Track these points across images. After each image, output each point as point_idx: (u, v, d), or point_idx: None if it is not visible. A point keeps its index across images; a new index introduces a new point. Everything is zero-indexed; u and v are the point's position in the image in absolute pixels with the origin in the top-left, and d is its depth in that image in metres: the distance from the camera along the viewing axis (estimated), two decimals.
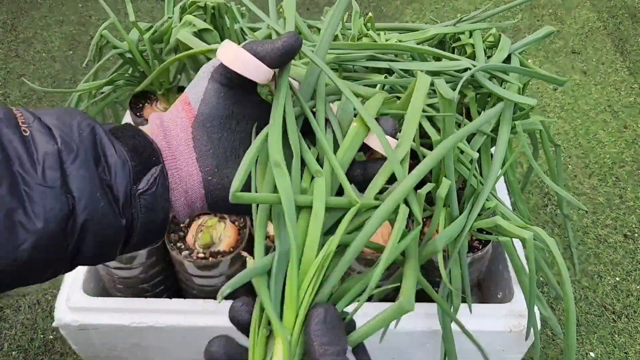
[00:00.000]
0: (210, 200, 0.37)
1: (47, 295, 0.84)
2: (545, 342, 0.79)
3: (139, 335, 0.64)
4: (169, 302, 0.63)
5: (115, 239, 0.34)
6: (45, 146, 0.31)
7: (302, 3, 1.53)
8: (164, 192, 0.35)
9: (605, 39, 1.36)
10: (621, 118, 1.14)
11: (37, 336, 0.79)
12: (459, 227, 0.53)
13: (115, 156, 0.33)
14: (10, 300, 0.83)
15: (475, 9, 0.65)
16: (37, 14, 1.53)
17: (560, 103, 1.18)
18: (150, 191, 0.34)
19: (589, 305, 0.83)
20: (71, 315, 0.63)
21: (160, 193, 0.35)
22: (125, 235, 0.34)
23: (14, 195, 0.29)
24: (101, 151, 0.33)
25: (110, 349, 0.67)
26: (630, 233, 0.93)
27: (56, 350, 0.78)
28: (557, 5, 1.47)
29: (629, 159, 1.06)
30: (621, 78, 1.25)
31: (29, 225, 0.29)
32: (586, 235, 0.93)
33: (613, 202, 0.98)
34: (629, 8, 1.44)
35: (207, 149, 0.36)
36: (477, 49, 0.61)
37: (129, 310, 0.63)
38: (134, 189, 0.34)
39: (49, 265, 0.31)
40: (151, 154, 0.35)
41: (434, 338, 0.62)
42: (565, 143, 1.09)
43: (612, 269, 0.88)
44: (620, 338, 0.80)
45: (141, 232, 0.35)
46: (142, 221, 0.35)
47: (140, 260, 0.65)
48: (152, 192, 0.34)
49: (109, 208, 0.32)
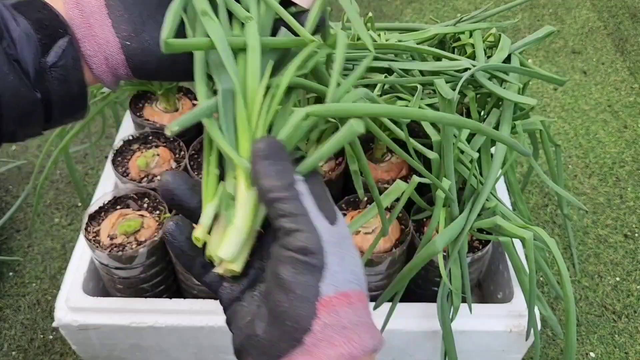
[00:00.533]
0: (133, 65, 0.37)
1: (47, 295, 0.84)
2: (546, 342, 0.79)
3: (139, 335, 0.64)
4: (169, 302, 0.63)
5: (33, 113, 0.34)
6: None
7: None
8: (75, 63, 0.35)
9: (605, 38, 1.36)
10: (621, 118, 1.14)
11: (37, 336, 0.79)
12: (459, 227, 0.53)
13: (18, 30, 0.33)
14: (10, 301, 0.83)
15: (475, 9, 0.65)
16: None
17: (560, 103, 1.18)
18: (60, 63, 0.34)
19: (589, 305, 0.83)
20: (71, 316, 0.63)
21: (71, 65, 0.35)
22: (45, 110, 0.35)
23: None
24: (3, 26, 0.33)
25: (110, 349, 0.67)
26: (630, 233, 0.93)
27: (56, 351, 0.78)
28: (557, 5, 1.47)
29: (629, 159, 1.06)
30: (621, 78, 1.24)
31: None
32: (586, 235, 0.93)
33: (613, 202, 0.98)
34: (629, 8, 1.44)
35: (121, 13, 0.36)
36: (477, 48, 0.61)
37: (129, 310, 0.63)
38: (42, 61, 0.34)
39: None
40: (58, 26, 0.35)
41: (434, 338, 0.62)
42: (566, 143, 1.09)
43: (612, 269, 0.88)
44: (621, 338, 0.80)
45: (60, 106, 0.35)
46: (58, 94, 0.35)
47: (140, 260, 0.65)
48: (62, 64, 0.34)
49: (19, 82, 0.33)
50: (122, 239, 0.65)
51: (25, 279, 0.86)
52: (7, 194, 0.97)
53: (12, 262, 0.87)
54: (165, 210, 0.68)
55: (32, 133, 0.36)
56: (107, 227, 0.66)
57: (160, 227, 0.67)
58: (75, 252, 0.69)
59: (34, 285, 0.85)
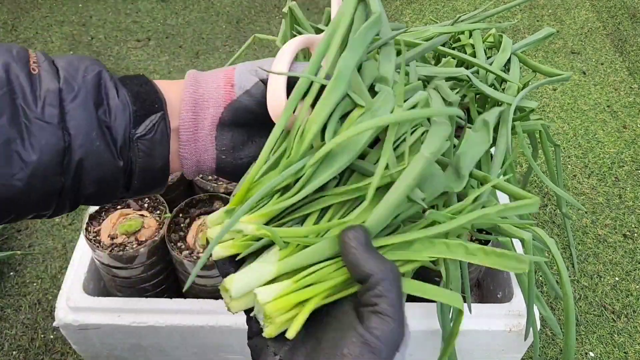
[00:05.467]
0: (218, 172, 0.39)
1: (48, 295, 0.84)
2: (545, 341, 0.79)
3: (140, 335, 0.64)
4: (170, 302, 0.63)
5: (114, 179, 0.35)
6: (49, 84, 0.32)
7: (302, 3, 1.54)
8: (163, 138, 0.36)
9: (604, 39, 1.36)
10: (620, 118, 1.15)
11: (38, 336, 0.79)
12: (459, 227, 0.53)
13: (117, 99, 0.34)
14: (11, 300, 0.83)
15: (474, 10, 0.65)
16: (38, 14, 1.53)
17: (559, 103, 1.18)
18: (148, 136, 0.35)
19: (588, 305, 0.83)
20: (72, 315, 0.63)
21: (158, 139, 0.36)
22: (125, 179, 0.36)
23: (13, 126, 0.30)
24: (104, 94, 0.34)
25: (110, 348, 0.68)
26: (629, 233, 0.93)
27: (57, 350, 0.78)
28: (557, 6, 1.47)
29: (628, 159, 1.06)
30: (620, 78, 1.25)
31: (24, 156, 0.31)
32: (585, 235, 0.93)
33: (612, 202, 0.98)
34: (628, 8, 1.44)
35: (228, 130, 0.38)
36: (477, 49, 0.61)
37: (130, 310, 0.63)
38: (132, 132, 0.35)
39: (46, 199, 0.33)
40: (154, 101, 0.36)
41: (434, 338, 0.62)
42: (565, 143, 1.09)
43: (611, 268, 0.88)
44: (620, 338, 0.80)
45: (141, 177, 0.36)
46: (141, 165, 0.36)
47: (140, 260, 0.65)
48: (150, 137, 0.35)
49: (106, 148, 0.34)
50: (123, 238, 0.65)
51: (26, 278, 0.86)
52: None
53: (13, 262, 0.87)
54: (165, 210, 0.68)
55: (110, 199, 0.37)
56: (108, 227, 0.66)
57: (160, 227, 0.67)
58: (76, 252, 0.69)
59: (35, 285, 0.85)
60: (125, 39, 1.43)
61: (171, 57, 1.37)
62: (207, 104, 0.37)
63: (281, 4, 1.56)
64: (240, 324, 0.62)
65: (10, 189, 0.31)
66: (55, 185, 0.32)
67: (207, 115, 0.37)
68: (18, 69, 0.31)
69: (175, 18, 1.49)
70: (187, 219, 0.68)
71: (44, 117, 0.31)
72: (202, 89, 0.37)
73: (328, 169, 0.33)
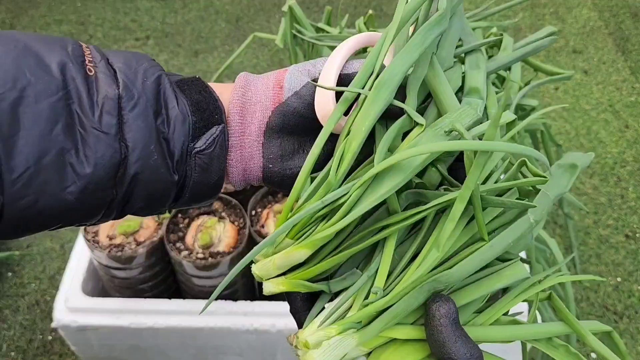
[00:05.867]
0: (266, 182, 0.36)
1: (46, 295, 0.83)
2: None
3: (138, 335, 0.64)
4: (169, 303, 0.63)
5: (166, 193, 0.32)
6: (107, 89, 0.30)
7: (302, 2, 1.53)
8: (222, 153, 0.34)
9: (606, 38, 1.35)
10: (622, 118, 1.14)
11: (36, 337, 0.79)
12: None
13: (176, 109, 0.32)
14: (9, 301, 0.83)
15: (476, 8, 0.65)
16: (37, 13, 1.52)
17: (561, 103, 1.18)
18: (207, 151, 0.33)
19: (590, 306, 0.83)
20: (70, 316, 0.63)
21: (217, 154, 0.33)
22: (177, 191, 0.33)
23: (68, 135, 0.28)
24: (163, 102, 0.32)
25: (109, 349, 0.67)
26: (631, 233, 0.93)
27: (55, 351, 0.77)
28: (558, 5, 1.46)
29: (631, 159, 1.06)
30: (622, 77, 1.24)
31: (78, 169, 0.28)
32: (587, 236, 0.92)
33: (614, 202, 0.98)
34: (630, 7, 1.43)
35: (277, 136, 0.35)
36: None
37: (128, 311, 0.63)
38: (190, 146, 0.32)
39: (95, 211, 0.30)
40: (214, 111, 0.33)
41: None
42: (567, 143, 1.09)
43: (613, 269, 0.88)
44: (622, 339, 0.79)
45: (193, 191, 0.34)
46: (195, 180, 0.33)
47: (139, 260, 0.64)
48: (209, 152, 0.33)
49: (163, 162, 0.31)
50: (121, 239, 0.65)
51: (24, 279, 0.85)
52: None
53: (11, 263, 0.87)
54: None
55: (157, 212, 0.34)
56: (106, 227, 0.66)
57: (159, 227, 0.66)
58: (74, 253, 0.69)
59: (33, 286, 0.84)
60: (124, 37, 1.43)
61: (170, 56, 1.37)
62: (254, 108, 0.34)
63: (281, 2, 1.55)
64: (240, 326, 0.62)
65: (61, 203, 0.28)
66: (106, 199, 0.30)
67: (255, 119, 0.34)
68: (74, 70, 0.29)
69: (174, 17, 1.49)
70: (186, 220, 0.68)
71: (101, 126, 0.29)
72: (251, 92, 0.35)
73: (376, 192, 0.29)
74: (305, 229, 0.30)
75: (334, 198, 0.29)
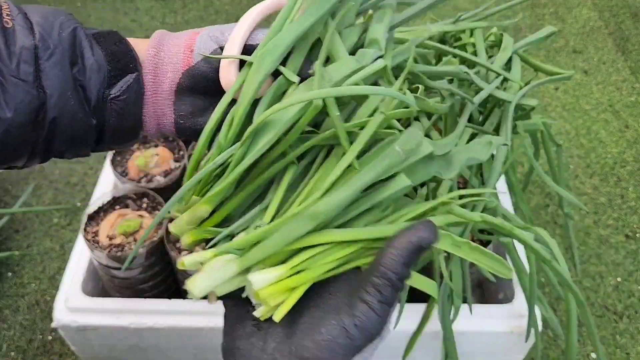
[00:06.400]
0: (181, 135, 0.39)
1: (46, 295, 0.83)
2: (547, 342, 0.78)
3: (138, 336, 0.64)
4: (169, 303, 0.63)
5: (86, 137, 0.35)
6: (24, 40, 0.32)
7: None
8: (137, 99, 0.36)
9: (606, 38, 1.35)
10: (623, 118, 1.14)
11: (36, 337, 0.79)
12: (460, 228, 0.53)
13: (92, 59, 0.35)
14: (9, 301, 0.83)
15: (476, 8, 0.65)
16: None
17: (561, 103, 1.18)
18: (122, 97, 0.35)
19: (590, 306, 0.83)
20: (70, 316, 0.63)
21: (132, 100, 0.36)
22: (96, 136, 0.36)
23: None
24: (79, 52, 0.34)
25: (109, 349, 0.67)
26: (632, 233, 0.93)
27: (55, 351, 0.77)
28: (558, 4, 1.46)
29: (631, 159, 1.06)
30: (623, 77, 1.24)
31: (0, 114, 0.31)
32: (587, 236, 0.92)
33: (615, 202, 0.98)
34: (630, 7, 1.43)
35: (188, 95, 0.37)
36: (478, 48, 0.61)
37: (128, 311, 0.63)
38: (106, 92, 0.35)
39: (20, 152, 0.33)
40: (129, 61, 0.36)
41: (434, 339, 0.62)
42: (567, 143, 1.09)
43: (613, 269, 0.88)
44: (622, 339, 0.79)
45: (112, 134, 0.37)
46: (112, 124, 0.36)
47: (139, 260, 0.64)
48: (124, 98, 0.36)
49: (80, 107, 0.34)
50: (121, 239, 0.65)
51: (24, 279, 0.85)
52: (6, 194, 0.97)
53: (11, 263, 0.87)
54: None
55: (81, 154, 0.37)
56: (106, 227, 0.66)
57: (159, 227, 0.66)
58: (74, 253, 0.69)
59: (33, 286, 0.84)
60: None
61: None
62: (166, 68, 0.37)
63: None
64: None
65: None
66: (29, 140, 0.33)
67: (166, 79, 0.37)
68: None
69: (174, 17, 1.49)
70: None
71: (19, 74, 0.31)
72: (164, 53, 0.37)
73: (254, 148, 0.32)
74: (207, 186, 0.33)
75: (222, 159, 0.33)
